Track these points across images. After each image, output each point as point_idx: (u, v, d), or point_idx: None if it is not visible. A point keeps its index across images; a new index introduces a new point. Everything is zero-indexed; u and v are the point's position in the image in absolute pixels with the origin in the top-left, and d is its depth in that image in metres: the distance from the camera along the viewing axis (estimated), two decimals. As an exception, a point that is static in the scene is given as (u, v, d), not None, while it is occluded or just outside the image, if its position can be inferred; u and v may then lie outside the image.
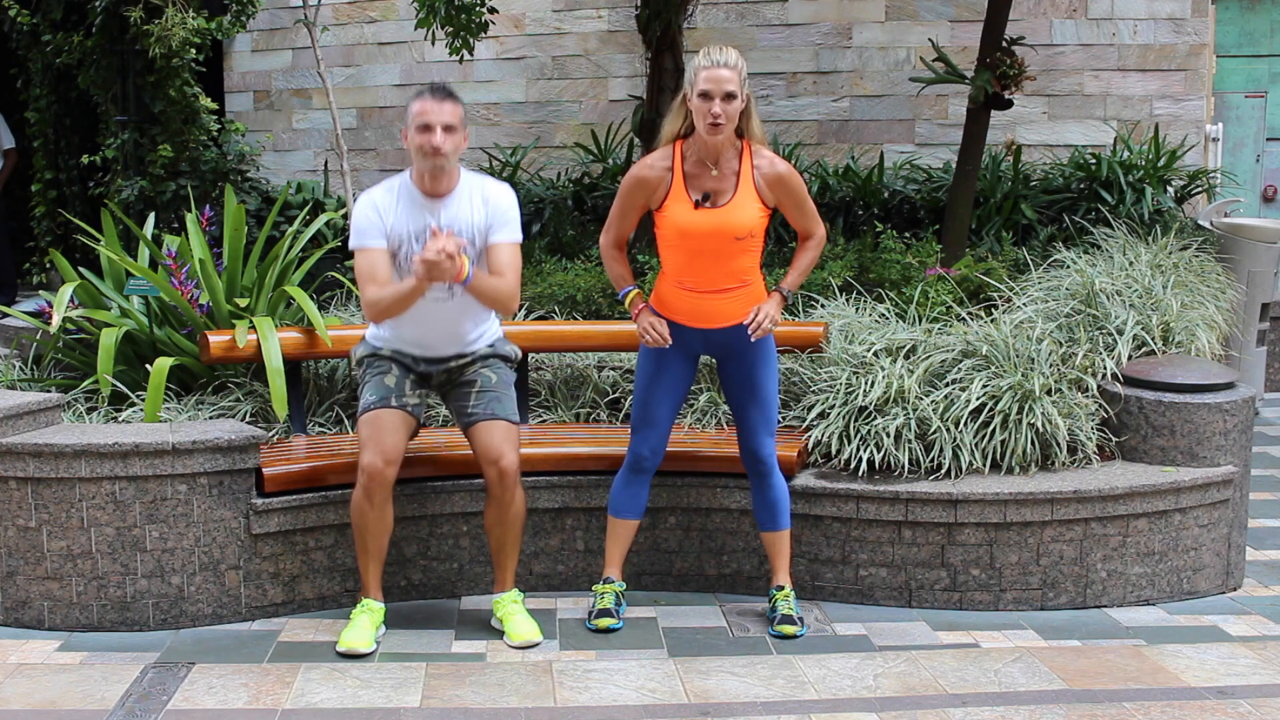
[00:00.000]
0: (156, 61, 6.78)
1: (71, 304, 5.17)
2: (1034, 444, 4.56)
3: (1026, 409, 4.56)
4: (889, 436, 4.49)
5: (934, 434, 4.53)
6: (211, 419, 4.72)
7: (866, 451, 4.51)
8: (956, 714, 3.57)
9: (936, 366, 4.77)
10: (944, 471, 4.49)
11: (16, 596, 4.18)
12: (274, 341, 4.75)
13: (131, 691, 3.66)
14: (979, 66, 6.53)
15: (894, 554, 4.50)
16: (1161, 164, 7.60)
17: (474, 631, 4.26)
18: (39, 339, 5.43)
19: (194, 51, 6.88)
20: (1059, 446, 4.59)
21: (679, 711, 3.59)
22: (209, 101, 7.17)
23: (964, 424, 4.56)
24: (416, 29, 6.67)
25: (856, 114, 8.53)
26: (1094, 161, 7.57)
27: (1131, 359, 4.92)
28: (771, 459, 4.25)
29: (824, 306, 5.55)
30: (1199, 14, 8.17)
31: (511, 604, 4.23)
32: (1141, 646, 4.12)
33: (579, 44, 9.00)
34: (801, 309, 5.71)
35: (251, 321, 4.86)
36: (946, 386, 4.67)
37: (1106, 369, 4.84)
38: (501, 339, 4.40)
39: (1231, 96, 9.38)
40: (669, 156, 4.10)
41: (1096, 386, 4.78)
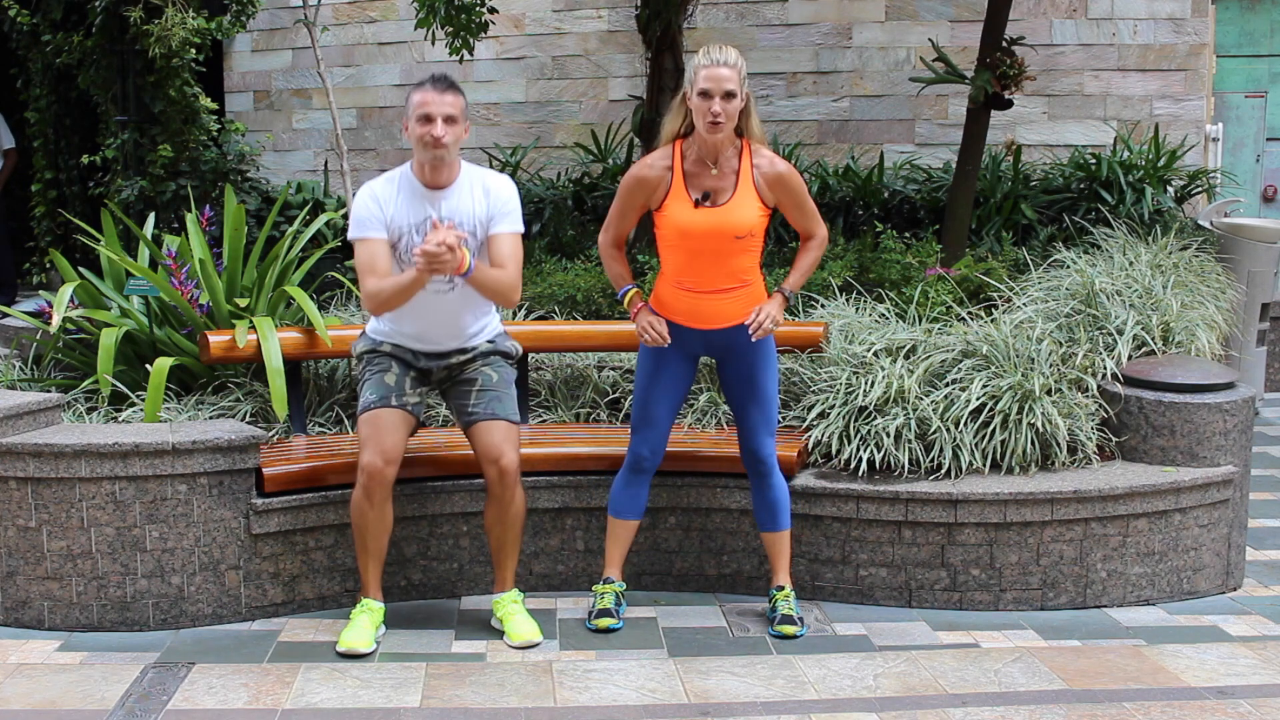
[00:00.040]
0: (156, 61, 6.79)
1: (71, 304, 5.17)
2: (1034, 444, 4.56)
3: (1026, 409, 4.56)
4: (889, 436, 4.49)
5: (934, 434, 4.53)
6: (211, 419, 4.72)
7: (866, 451, 4.51)
8: (956, 714, 3.57)
9: (936, 366, 4.77)
10: (944, 471, 4.49)
11: (16, 596, 4.18)
12: (274, 341, 4.75)
13: (131, 691, 3.66)
14: (979, 66, 6.53)
15: (894, 554, 4.50)
16: (1161, 164, 7.59)
17: (474, 631, 4.25)
18: (39, 339, 5.43)
19: (194, 51, 6.88)
20: (1059, 446, 4.59)
21: (679, 711, 3.59)
22: (209, 101, 7.17)
23: (964, 424, 4.56)
24: (416, 29, 6.67)
25: (856, 114, 8.53)
26: (1094, 161, 7.57)
27: (1131, 359, 4.92)
28: (772, 459, 4.25)
29: (824, 306, 5.55)
30: (1199, 14, 8.17)
31: (511, 604, 4.22)
32: (1141, 646, 4.12)
33: (579, 44, 8.99)
34: (801, 309, 5.71)
35: (251, 321, 4.86)
36: (946, 386, 4.66)
37: (1106, 369, 4.84)
38: (502, 334, 4.39)
39: (1231, 96, 9.38)
40: (669, 156, 4.10)
41: (1096, 386, 4.78)
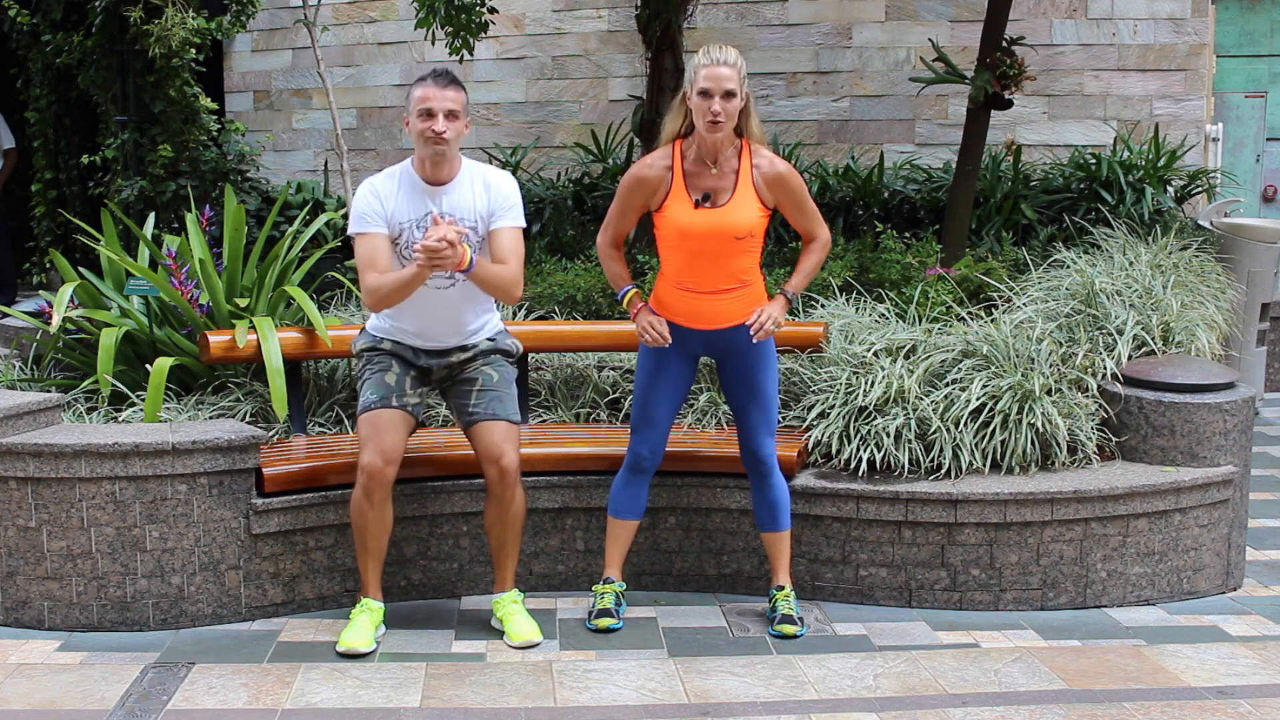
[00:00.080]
0: (156, 61, 6.79)
1: (71, 304, 5.17)
2: (1034, 444, 4.56)
3: (1026, 409, 4.56)
4: (889, 436, 4.49)
5: (934, 434, 4.53)
6: (211, 419, 4.72)
7: (866, 451, 4.51)
8: (956, 714, 3.56)
9: (936, 366, 4.76)
10: (944, 471, 4.49)
11: (16, 596, 4.18)
12: (274, 341, 4.75)
13: (131, 691, 3.66)
14: (979, 66, 6.53)
15: (894, 554, 4.50)
16: (1161, 164, 7.59)
17: (474, 631, 4.25)
18: (39, 339, 5.43)
19: (194, 51, 6.88)
20: (1059, 446, 4.59)
21: (679, 711, 3.59)
22: (209, 101, 7.17)
23: (964, 424, 4.56)
24: (416, 29, 6.67)
25: (856, 114, 8.53)
26: (1094, 161, 7.57)
27: (1131, 359, 4.91)
28: (772, 459, 4.25)
29: (824, 306, 5.55)
30: (1199, 14, 8.17)
31: (511, 604, 4.22)
32: (1141, 646, 4.12)
33: (579, 44, 8.99)
34: (801, 309, 5.71)
35: (251, 321, 4.86)
36: (946, 386, 4.66)
37: (1106, 369, 4.84)
38: (503, 332, 4.39)
39: (1231, 96, 9.38)
40: (669, 156, 4.10)
41: (1096, 386, 4.78)
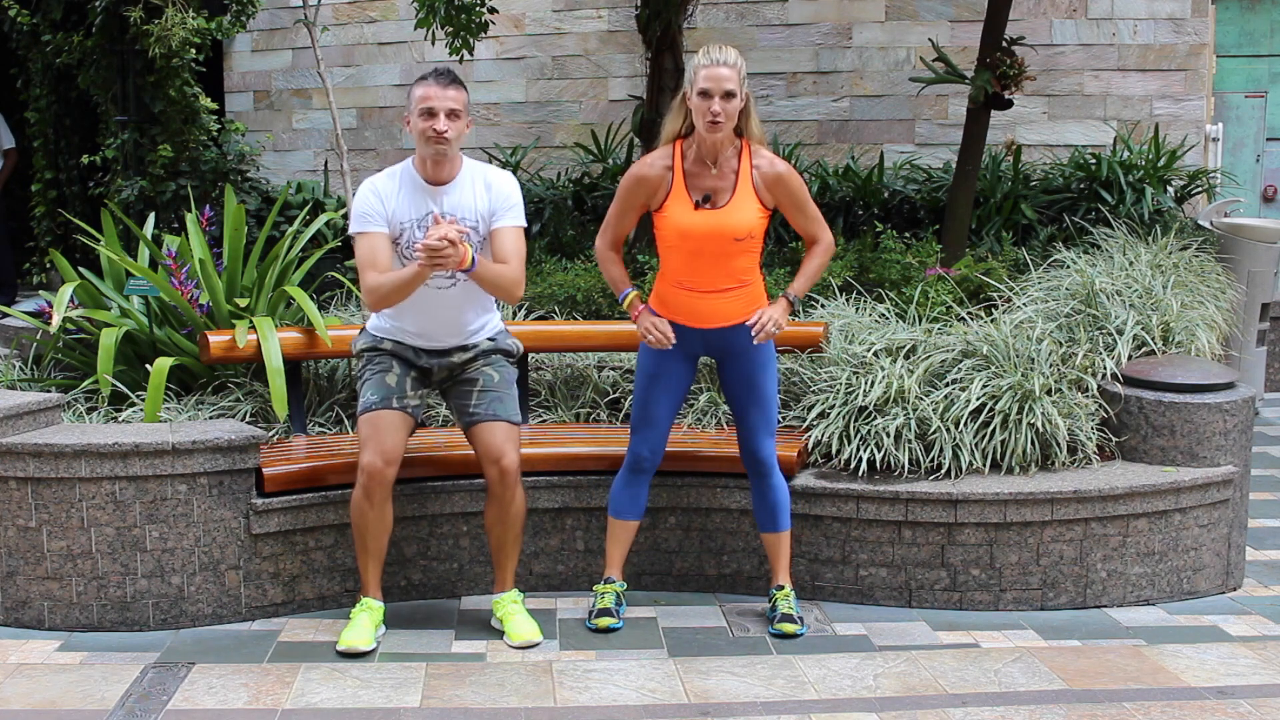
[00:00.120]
0: (156, 61, 6.79)
1: (71, 304, 5.17)
2: (1034, 444, 4.56)
3: (1026, 409, 4.56)
4: (889, 436, 4.49)
5: (934, 434, 4.53)
6: (211, 419, 4.72)
7: (866, 451, 4.51)
8: (956, 714, 3.56)
9: (936, 366, 4.76)
10: (944, 471, 4.49)
11: (16, 596, 4.18)
12: (274, 341, 4.75)
13: (131, 691, 3.66)
14: (979, 66, 6.53)
15: (894, 554, 4.50)
16: (1161, 164, 7.60)
17: (474, 631, 4.25)
18: (39, 339, 5.43)
19: (194, 51, 6.88)
20: (1059, 446, 4.59)
21: (679, 711, 3.59)
22: (209, 101, 7.17)
23: (964, 424, 4.56)
24: (416, 29, 6.67)
25: (856, 114, 8.53)
26: (1094, 161, 7.57)
27: (1131, 359, 4.91)
28: (771, 460, 4.25)
29: (824, 306, 5.55)
30: (1199, 14, 8.17)
31: (511, 604, 4.22)
32: (1141, 646, 4.12)
33: (579, 44, 8.99)
34: (802, 309, 5.71)
35: (251, 321, 4.86)
36: (946, 386, 4.66)
37: (1106, 369, 4.84)
38: (503, 332, 4.38)
39: (1231, 96, 9.38)
40: (669, 156, 4.10)
41: (1096, 386, 4.78)
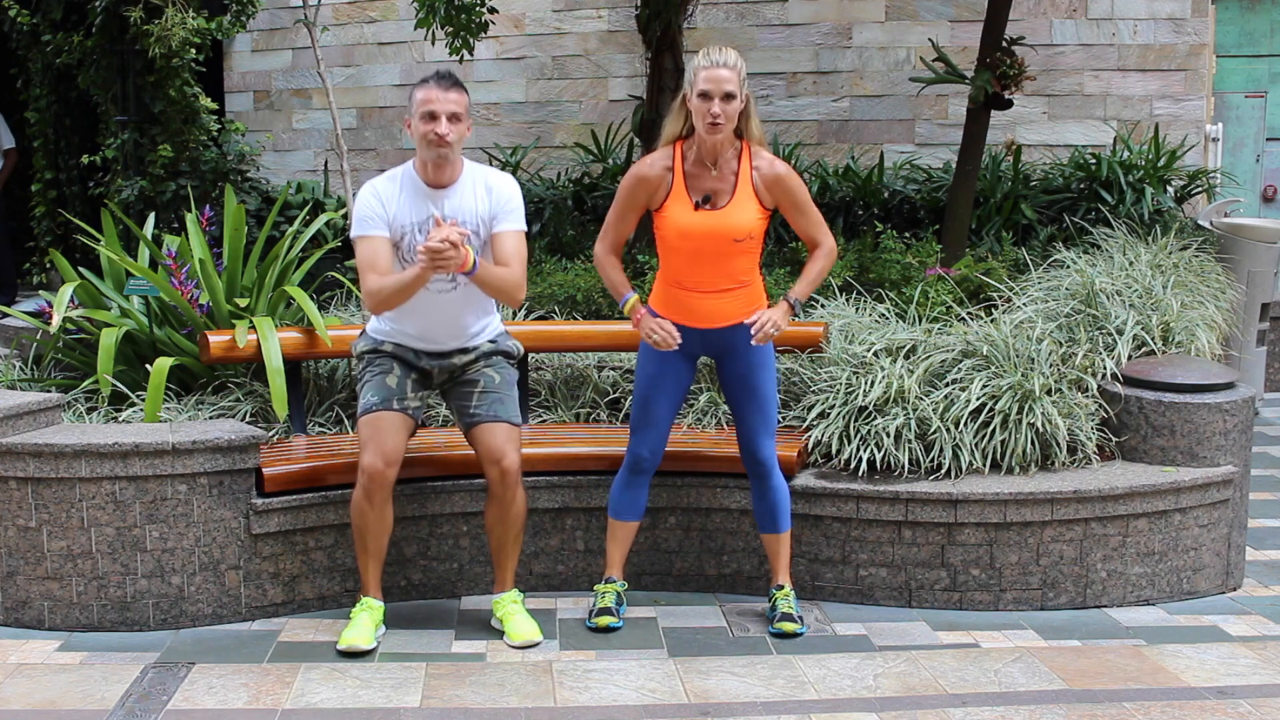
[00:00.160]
0: (156, 61, 6.79)
1: (71, 304, 5.17)
2: (1034, 444, 4.56)
3: (1026, 409, 4.56)
4: (889, 436, 4.49)
5: (934, 434, 4.53)
6: (211, 419, 4.72)
7: (866, 451, 4.51)
8: (956, 714, 3.56)
9: (936, 366, 4.76)
10: (944, 471, 4.49)
11: (16, 596, 4.18)
12: (274, 341, 4.75)
13: (131, 691, 3.66)
14: (979, 66, 6.53)
15: (894, 554, 4.50)
16: (1161, 164, 7.60)
17: (474, 631, 4.25)
18: (39, 339, 5.43)
19: (194, 51, 6.88)
20: (1059, 446, 4.59)
21: (679, 711, 3.59)
22: (209, 101, 7.17)
23: (964, 424, 4.56)
24: (416, 29, 6.67)
25: (856, 114, 8.53)
26: (1094, 161, 7.57)
27: (1131, 359, 4.92)
28: (771, 460, 4.24)
29: (824, 306, 5.55)
30: (1199, 14, 8.17)
31: (511, 604, 4.22)
32: (1141, 646, 4.12)
33: (579, 44, 8.99)
34: (802, 309, 5.70)
35: (251, 321, 4.86)
36: (946, 386, 4.66)
37: (1106, 369, 4.84)
38: (504, 334, 4.38)
39: (1231, 96, 9.38)
40: (669, 157, 4.10)
41: (1096, 386, 4.78)
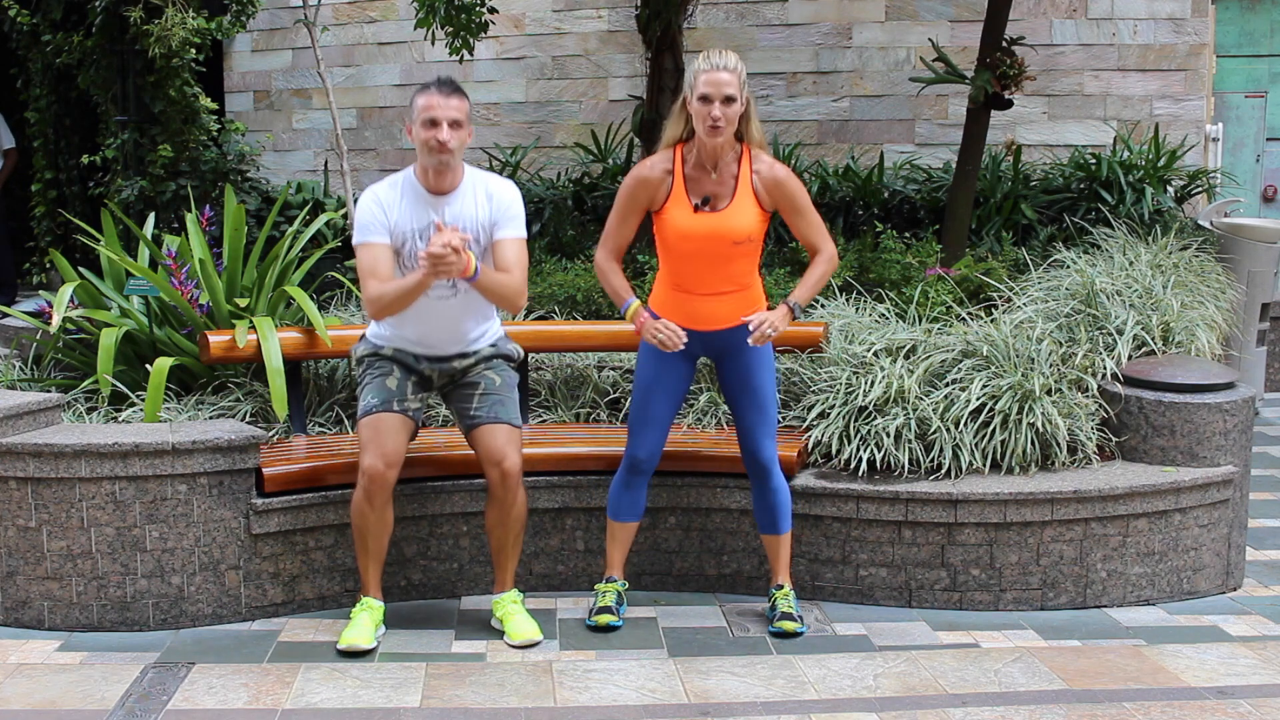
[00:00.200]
0: (156, 61, 6.79)
1: (71, 304, 5.17)
2: (1034, 444, 4.56)
3: (1026, 409, 4.56)
4: (889, 436, 4.49)
5: (934, 434, 4.53)
6: (211, 419, 4.72)
7: (866, 451, 4.51)
8: (956, 714, 3.57)
9: (936, 366, 4.76)
10: (944, 471, 4.49)
11: (16, 596, 4.18)
12: (274, 341, 4.75)
13: (131, 691, 3.66)
14: (979, 66, 6.53)
15: (894, 554, 4.50)
16: (1161, 164, 7.60)
17: (474, 631, 4.25)
18: (39, 339, 5.43)
19: (194, 51, 6.88)
20: (1059, 446, 4.59)
21: (679, 711, 3.59)
22: (209, 101, 7.17)
23: (964, 424, 4.56)
24: (416, 29, 6.67)
25: (856, 114, 8.53)
26: (1094, 161, 7.57)
27: (1131, 359, 4.92)
28: (771, 461, 4.24)
29: (824, 306, 5.54)
30: (1199, 14, 8.17)
31: (511, 604, 4.22)
32: (1141, 646, 4.12)
33: (579, 44, 9.00)
34: (802, 312, 5.71)
35: (251, 321, 4.86)
36: (946, 386, 4.66)
37: (1106, 369, 4.84)
38: (504, 337, 4.38)
39: (1231, 96, 9.38)
40: (669, 159, 4.10)
41: (1096, 386, 4.78)
